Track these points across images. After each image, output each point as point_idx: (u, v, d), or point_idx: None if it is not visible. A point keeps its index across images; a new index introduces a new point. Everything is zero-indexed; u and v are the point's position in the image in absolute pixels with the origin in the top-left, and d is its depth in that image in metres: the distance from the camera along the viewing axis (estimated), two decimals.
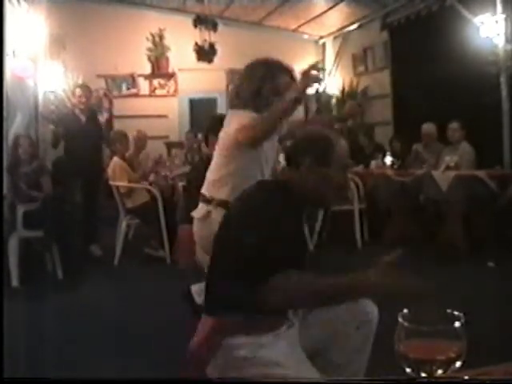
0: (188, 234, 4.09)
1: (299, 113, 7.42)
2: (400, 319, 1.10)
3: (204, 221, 3.67)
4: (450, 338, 1.08)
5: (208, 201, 3.69)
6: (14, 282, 6.31)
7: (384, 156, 9.17)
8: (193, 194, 4.30)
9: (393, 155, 9.02)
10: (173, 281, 6.09)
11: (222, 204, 3.54)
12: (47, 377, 3.50)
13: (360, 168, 9.77)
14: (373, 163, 9.51)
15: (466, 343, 1.08)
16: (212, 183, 3.72)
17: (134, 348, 4.44)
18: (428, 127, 8.76)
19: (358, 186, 8.48)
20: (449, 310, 1.12)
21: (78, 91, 8.23)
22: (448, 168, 7.66)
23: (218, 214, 3.48)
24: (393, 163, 8.83)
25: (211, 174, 3.76)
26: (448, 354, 1.07)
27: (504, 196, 7.28)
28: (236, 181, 3.51)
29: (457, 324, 1.08)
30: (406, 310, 1.12)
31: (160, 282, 6.50)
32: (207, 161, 4.04)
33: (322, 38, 13.64)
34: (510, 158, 8.44)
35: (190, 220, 3.89)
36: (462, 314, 1.10)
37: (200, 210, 3.74)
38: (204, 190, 3.77)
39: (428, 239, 7.64)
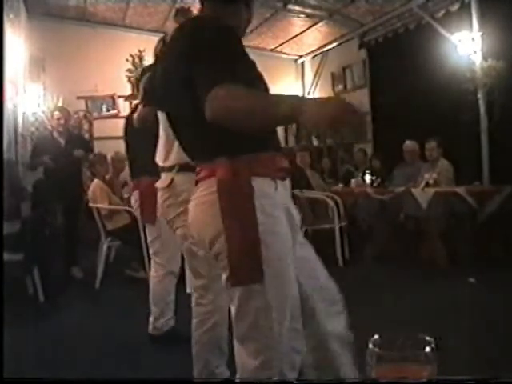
0: (150, 185, 4.29)
1: None
2: (370, 345, 1.11)
3: (169, 189, 3.78)
4: (421, 362, 1.09)
5: (171, 168, 3.77)
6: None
7: (364, 174, 9.22)
8: None
9: (372, 173, 9.06)
10: None
11: (184, 168, 3.63)
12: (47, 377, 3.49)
13: (340, 186, 9.82)
14: (353, 181, 9.56)
15: (436, 368, 1.09)
16: (167, 152, 3.81)
17: (116, 369, 4.42)
18: (411, 144, 8.82)
19: (338, 205, 8.50)
20: (420, 335, 1.13)
21: (57, 114, 8.21)
22: (427, 185, 7.71)
23: (179, 179, 3.70)
24: (372, 181, 8.88)
25: (163, 145, 3.86)
26: (419, 379, 1.08)
27: (483, 212, 7.33)
28: None
29: (428, 348, 1.10)
30: (376, 336, 1.13)
31: (142, 303, 6.47)
32: None
33: (300, 57, 13.74)
34: (489, 173, 8.52)
35: (150, 172, 4.14)
36: (432, 339, 1.11)
37: (164, 179, 3.82)
38: (164, 161, 3.85)
39: (408, 256, 7.67)
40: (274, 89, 3.78)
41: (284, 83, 13.21)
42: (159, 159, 3.96)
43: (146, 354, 4.69)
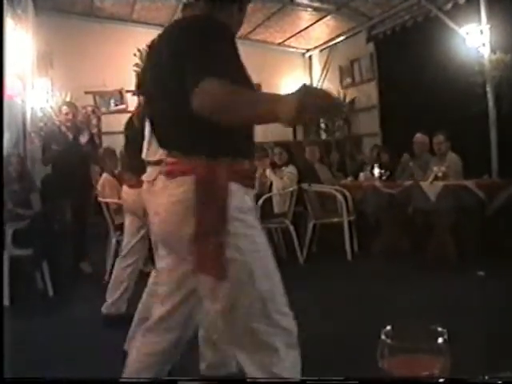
0: None
1: None
2: (383, 336, 1.11)
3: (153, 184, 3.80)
4: (434, 353, 1.08)
5: (158, 162, 3.80)
6: (5, 301, 6.28)
7: (372, 168, 9.19)
8: None
9: (381, 167, 9.04)
10: None
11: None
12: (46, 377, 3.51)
13: (349, 180, 9.82)
14: (361, 175, 9.55)
15: (449, 359, 1.09)
16: (154, 147, 3.83)
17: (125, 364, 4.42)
18: (421, 136, 8.80)
19: (346, 198, 8.49)
20: (432, 326, 1.13)
21: (65, 109, 8.22)
22: (436, 178, 7.68)
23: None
24: (381, 175, 8.86)
25: (150, 139, 3.89)
26: (432, 370, 1.08)
27: (492, 205, 7.31)
28: None
29: (440, 340, 1.09)
30: (388, 327, 1.13)
31: None
32: None
33: (308, 51, 13.71)
34: (498, 166, 8.49)
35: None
36: (445, 330, 1.11)
37: (150, 173, 3.83)
38: (150, 155, 3.88)
39: (417, 249, 7.66)
40: (282, 82, 3.77)
41: (292, 77, 13.18)
42: (145, 153, 3.97)
43: None
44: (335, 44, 12.68)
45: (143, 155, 3.95)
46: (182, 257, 2.56)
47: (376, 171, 8.97)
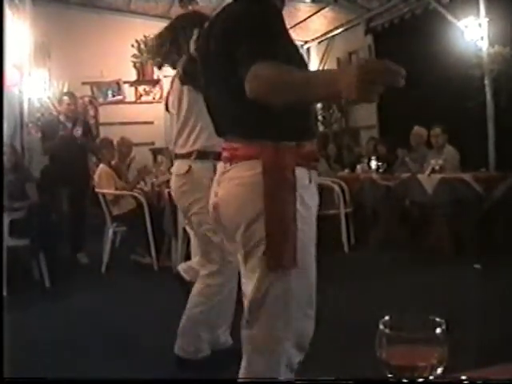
0: None
1: None
2: (381, 326, 1.11)
3: (186, 176, 3.86)
4: (432, 344, 1.09)
5: (187, 155, 3.85)
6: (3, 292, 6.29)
7: (370, 160, 9.20)
8: None
9: (378, 159, 9.04)
10: (160, 287, 6.10)
11: (202, 155, 3.78)
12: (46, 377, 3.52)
13: (346, 172, 9.82)
14: (358, 167, 9.55)
15: (447, 349, 1.09)
16: (185, 139, 3.88)
17: (122, 354, 4.43)
18: (418, 129, 8.81)
19: (343, 190, 8.50)
20: (430, 316, 1.13)
21: (65, 99, 8.22)
22: (433, 171, 7.69)
23: (197, 167, 3.80)
24: (378, 167, 8.87)
25: (182, 132, 3.93)
26: (430, 360, 1.08)
27: (489, 198, 7.32)
28: (210, 129, 3.60)
29: (438, 330, 1.10)
30: (387, 317, 1.13)
31: (147, 288, 6.50)
32: None
33: (306, 42, 13.68)
34: (495, 160, 8.50)
35: None
36: (443, 320, 1.11)
37: (181, 166, 3.85)
38: (178, 148, 3.93)
39: (414, 242, 7.67)
40: None
41: None
42: (174, 145, 4.00)
43: (148, 339, 4.70)
44: (333, 36, 12.65)
45: (171, 147, 4.00)
46: (238, 245, 2.48)
47: (373, 163, 8.98)
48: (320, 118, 12.48)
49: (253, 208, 2.35)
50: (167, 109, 4.21)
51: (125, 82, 12.28)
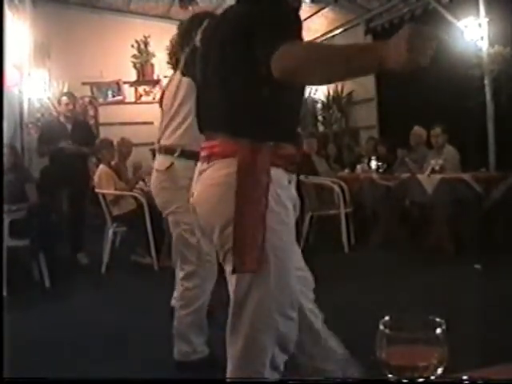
0: None
1: None
2: (381, 326, 1.11)
3: (166, 172, 3.85)
4: (432, 344, 1.09)
5: (171, 151, 3.83)
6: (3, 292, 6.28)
7: (370, 160, 9.19)
8: None
9: (378, 159, 9.04)
10: (160, 287, 6.09)
11: (186, 154, 3.73)
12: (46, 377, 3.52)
13: (346, 172, 9.82)
14: (358, 167, 9.55)
15: (447, 349, 1.09)
16: (171, 131, 3.87)
17: (122, 354, 4.43)
18: (418, 129, 8.81)
19: (343, 190, 8.49)
20: (430, 316, 1.13)
21: (65, 99, 8.21)
22: (433, 171, 7.68)
23: (180, 165, 3.76)
24: (378, 167, 8.86)
25: (169, 125, 3.91)
26: (430, 361, 1.08)
27: (489, 198, 7.31)
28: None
29: (438, 330, 1.10)
30: (387, 317, 1.13)
31: (147, 288, 6.49)
32: None
33: None
34: (495, 160, 8.50)
35: None
36: (443, 321, 1.11)
37: (163, 162, 3.82)
38: (163, 140, 3.92)
39: (414, 242, 7.67)
40: None
41: None
42: (159, 137, 3.97)
43: (148, 340, 4.70)
44: (333, 36, 12.64)
45: (157, 139, 3.97)
46: (215, 245, 2.46)
47: (373, 163, 8.97)
48: (320, 118, 12.49)
49: (227, 209, 2.30)
50: (161, 105, 4.19)
51: (125, 83, 12.28)
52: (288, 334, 2.43)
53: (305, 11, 11.43)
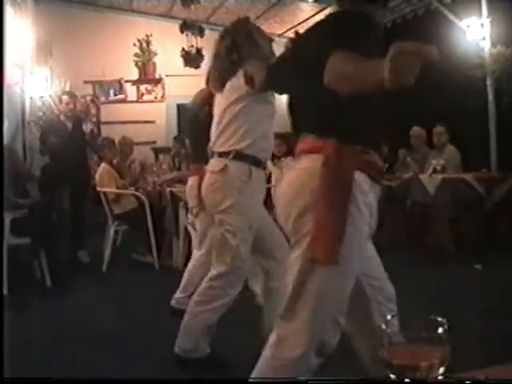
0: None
1: None
2: (383, 326, 1.11)
3: (220, 174, 3.86)
4: (434, 343, 1.09)
5: (225, 154, 3.86)
6: (4, 290, 6.28)
7: None
8: None
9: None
10: (161, 286, 6.10)
11: (239, 156, 3.79)
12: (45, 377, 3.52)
13: None
14: None
15: (449, 349, 1.09)
16: (227, 138, 3.90)
17: (122, 354, 4.43)
18: (418, 129, 8.81)
19: None
20: (432, 316, 1.13)
21: (65, 98, 8.20)
22: (435, 171, 7.68)
23: (234, 167, 3.79)
24: None
25: (224, 129, 3.93)
26: (431, 360, 1.08)
27: (491, 199, 7.31)
28: (255, 134, 3.81)
29: (440, 330, 1.09)
30: (389, 317, 1.13)
31: (148, 287, 6.49)
32: None
33: None
34: (497, 160, 8.49)
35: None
36: (445, 320, 1.11)
37: (217, 164, 3.87)
38: (217, 146, 3.95)
39: (415, 242, 7.67)
40: None
41: None
42: (213, 144, 4.01)
43: (148, 339, 4.70)
44: None
45: (210, 145, 4.03)
46: (289, 231, 2.54)
47: None
48: None
49: (306, 197, 2.38)
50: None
51: (127, 81, 12.27)
52: (328, 339, 2.44)
53: (306, 11, 11.44)
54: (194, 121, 5.28)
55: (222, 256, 3.92)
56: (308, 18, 11.77)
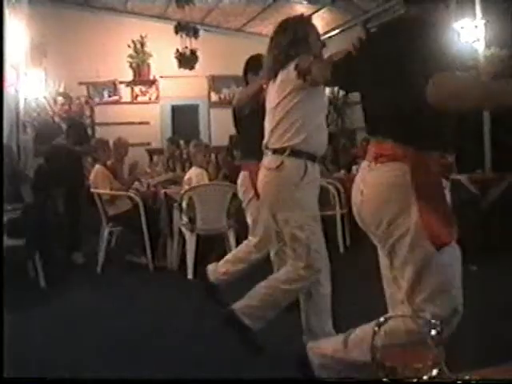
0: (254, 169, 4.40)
1: None
2: (376, 327, 1.11)
3: (277, 171, 3.90)
4: (428, 345, 1.09)
5: (281, 150, 3.88)
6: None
7: None
8: None
9: None
10: (155, 287, 6.10)
11: (295, 153, 3.86)
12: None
13: (341, 173, 9.81)
14: (354, 168, 9.54)
15: (442, 350, 1.09)
16: (281, 133, 3.94)
17: (117, 354, 4.43)
18: None
19: (339, 192, 8.50)
20: (426, 318, 1.13)
21: (60, 99, 8.21)
22: None
23: (290, 164, 3.85)
24: None
25: (278, 124, 3.97)
26: (425, 362, 1.08)
27: (485, 200, 7.32)
28: (309, 129, 3.89)
29: (433, 331, 1.09)
30: (382, 319, 1.13)
31: (143, 288, 6.49)
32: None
33: None
34: (491, 161, 8.50)
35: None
36: (438, 322, 1.11)
37: (273, 160, 3.88)
38: (272, 143, 3.98)
39: None
40: None
41: None
42: (267, 140, 4.02)
43: (144, 339, 4.70)
44: (330, 37, 12.63)
45: (265, 141, 4.06)
46: (379, 237, 2.79)
47: None
48: None
49: (395, 206, 2.59)
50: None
51: (121, 82, 12.29)
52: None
53: (301, 12, 11.42)
54: (240, 117, 5.22)
55: (298, 251, 3.99)
56: None
